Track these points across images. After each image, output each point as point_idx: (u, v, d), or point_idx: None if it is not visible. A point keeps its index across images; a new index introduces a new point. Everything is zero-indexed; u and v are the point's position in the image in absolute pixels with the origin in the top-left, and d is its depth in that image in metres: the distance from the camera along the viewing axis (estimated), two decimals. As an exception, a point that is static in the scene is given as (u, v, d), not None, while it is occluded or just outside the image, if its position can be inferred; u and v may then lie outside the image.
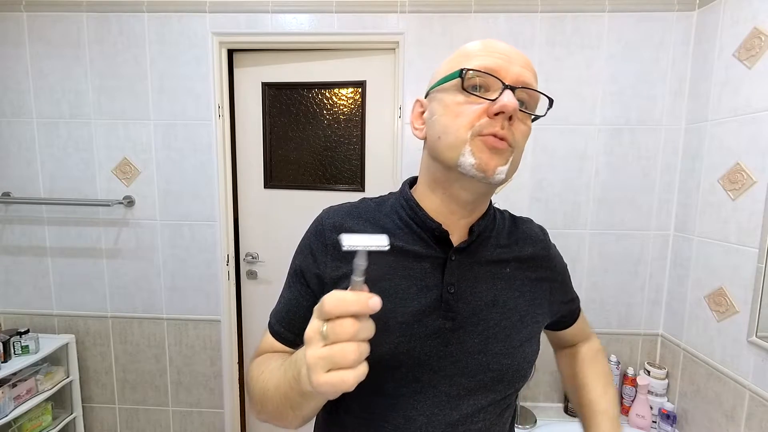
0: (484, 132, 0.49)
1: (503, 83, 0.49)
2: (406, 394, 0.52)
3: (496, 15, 1.41)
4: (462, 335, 0.53)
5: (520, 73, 0.50)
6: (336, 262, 0.55)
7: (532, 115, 0.53)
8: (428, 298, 0.54)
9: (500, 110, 0.48)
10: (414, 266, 0.55)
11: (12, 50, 1.49)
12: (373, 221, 0.58)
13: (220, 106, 1.52)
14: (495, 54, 0.51)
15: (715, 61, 1.28)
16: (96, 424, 1.69)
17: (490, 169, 0.49)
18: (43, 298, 1.61)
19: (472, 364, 0.53)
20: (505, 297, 0.57)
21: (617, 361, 1.47)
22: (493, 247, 0.59)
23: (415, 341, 0.52)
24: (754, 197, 1.13)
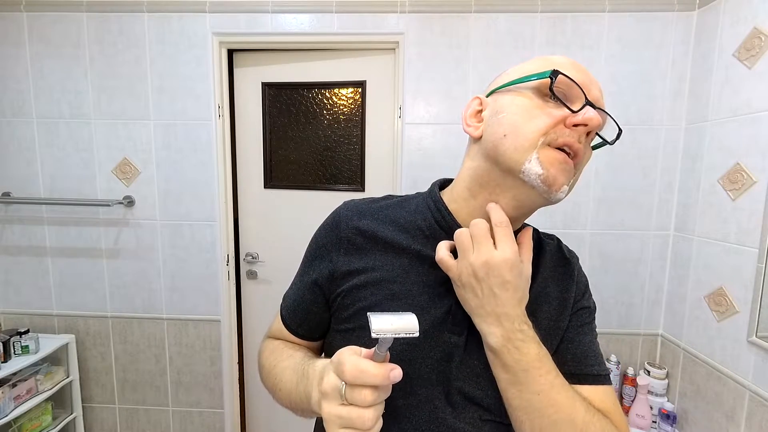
0: (559, 141, 0.45)
1: (587, 98, 0.47)
2: (403, 406, 0.49)
3: (496, 15, 1.41)
4: (468, 353, 0.49)
5: (599, 96, 0.49)
6: (348, 257, 0.53)
7: (601, 141, 0.51)
8: (438, 308, 0.50)
9: (584, 123, 0.45)
10: (429, 273, 0.51)
11: (12, 50, 1.49)
12: (392, 220, 0.55)
13: (220, 106, 1.52)
14: (581, 70, 0.49)
15: (715, 61, 1.28)
16: (96, 424, 1.69)
17: (557, 184, 0.46)
18: (43, 298, 1.61)
19: (474, 384, 0.49)
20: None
21: (617, 361, 1.47)
22: None
23: (417, 352, 0.49)
24: (754, 197, 1.13)
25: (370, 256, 0.53)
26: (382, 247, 0.53)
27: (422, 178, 1.48)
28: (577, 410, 0.46)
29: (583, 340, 0.55)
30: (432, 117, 1.46)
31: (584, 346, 0.55)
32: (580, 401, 0.47)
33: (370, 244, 0.53)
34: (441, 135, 1.47)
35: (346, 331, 0.53)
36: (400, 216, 0.55)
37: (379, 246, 0.53)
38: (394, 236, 0.53)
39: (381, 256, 0.53)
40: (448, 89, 1.45)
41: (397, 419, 0.50)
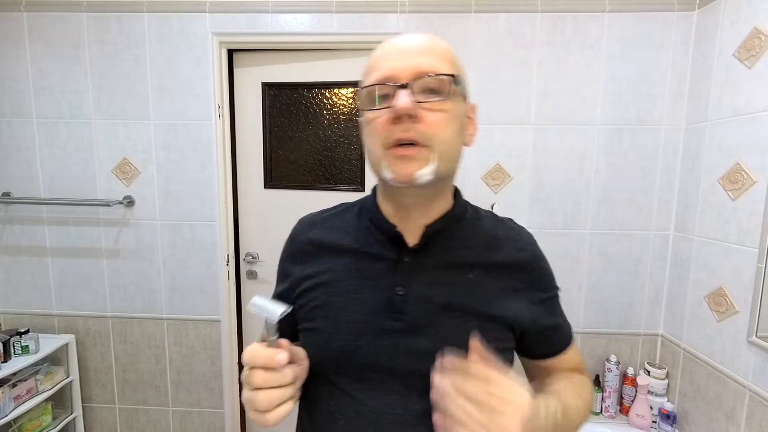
0: (390, 142, 0.49)
1: (397, 85, 0.48)
2: (357, 389, 0.53)
3: (496, 15, 1.41)
4: (412, 337, 0.52)
5: (416, 65, 0.48)
6: (302, 265, 0.60)
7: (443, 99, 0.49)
8: (379, 299, 0.54)
9: (395, 114, 0.47)
10: (369, 267, 0.56)
11: (12, 50, 1.49)
12: (338, 226, 0.61)
13: (220, 106, 1.52)
14: (391, 57, 0.50)
15: (715, 61, 1.28)
16: (96, 424, 1.69)
17: (407, 177, 0.49)
18: (43, 298, 1.61)
19: (422, 366, 0.50)
20: (463, 303, 0.53)
21: (617, 361, 1.47)
22: (457, 249, 0.56)
23: (363, 340, 0.53)
24: (754, 197, 1.13)
25: (320, 261, 0.58)
26: (329, 252, 0.58)
27: (422, 178, 1.48)
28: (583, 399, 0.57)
29: (556, 322, 0.62)
30: (432, 117, 1.46)
31: (558, 325, 0.63)
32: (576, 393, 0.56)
33: (319, 251, 0.59)
34: (441, 135, 1.47)
35: (304, 330, 0.57)
36: (344, 221, 0.61)
37: (326, 251, 0.59)
38: (338, 239, 0.59)
39: (328, 259, 0.58)
40: (448, 89, 1.45)
41: (354, 402, 0.53)
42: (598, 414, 1.49)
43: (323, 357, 0.54)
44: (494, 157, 1.47)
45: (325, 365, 0.54)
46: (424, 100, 0.48)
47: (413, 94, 0.47)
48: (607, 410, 1.47)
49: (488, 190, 1.48)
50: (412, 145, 0.48)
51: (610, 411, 1.47)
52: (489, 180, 1.48)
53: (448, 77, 0.49)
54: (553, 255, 1.52)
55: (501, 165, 1.47)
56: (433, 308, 0.53)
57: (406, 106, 0.46)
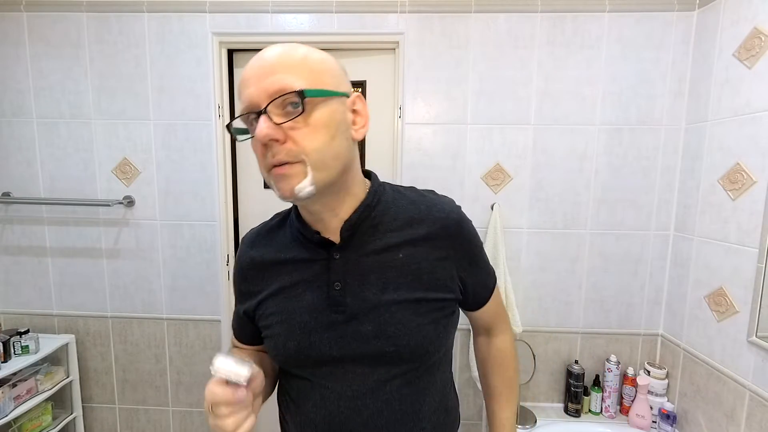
0: (266, 167, 0.53)
1: (256, 112, 0.50)
2: (319, 375, 0.61)
3: (496, 15, 1.41)
4: (356, 325, 0.58)
5: (267, 87, 0.49)
6: (251, 283, 0.66)
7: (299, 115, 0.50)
8: (320, 297, 0.60)
9: (260, 142, 0.50)
10: (306, 271, 0.61)
11: (12, 50, 1.49)
12: (274, 240, 0.66)
13: (220, 106, 1.52)
14: (248, 83, 0.51)
15: (715, 61, 1.28)
16: (96, 424, 1.69)
17: (289, 194, 0.52)
18: (43, 298, 1.61)
19: (370, 348, 0.58)
20: (397, 283, 0.59)
21: (617, 361, 1.47)
22: (382, 234, 0.60)
23: (314, 336, 0.59)
24: (754, 197, 1.13)
25: (265, 276, 0.64)
26: (271, 267, 0.64)
27: (422, 178, 1.48)
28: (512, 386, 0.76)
29: (479, 276, 0.68)
30: (432, 117, 1.46)
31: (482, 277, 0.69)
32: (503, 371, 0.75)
33: (263, 267, 0.65)
34: (441, 135, 1.47)
35: (266, 337, 0.64)
36: (278, 235, 0.66)
37: (269, 266, 0.64)
38: (276, 255, 0.64)
39: (272, 273, 0.64)
40: (448, 89, 1.45)
41: (318, 388, 0.61)
42: (598, 414, 1.49)
43: (285, 357, 0.62)
44: (494, 157, 1.47)
45: (288, 363, 0.63)
46: (285, 119, 0.50)
47: (273, 117, 0.49)
48: (607, 410, 1.47)
49: (488, 190, 1.48)
50: (283, 164, 0.51)
51: (610, 411, 1.47)
52: (489, 180, 1.48)
53: (296, 94, 0.49)
54: (553, 255, 1.53)
55: (501, 165, 1.47)
56: (370, 294, 0.58)
57: (265, 135, 0.49)
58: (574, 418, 1.48)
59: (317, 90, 0.51)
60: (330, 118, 0.52)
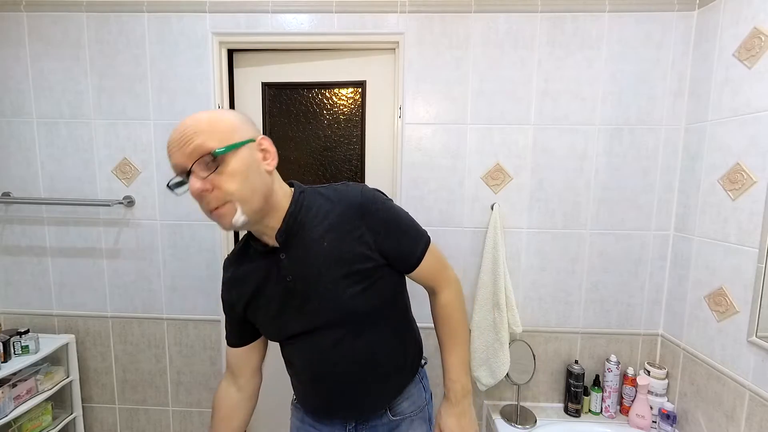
0: (207, 211, 0.68)
1: (186, 172, 0.66)
2: (299, 342, 0.82)
3: (496, 15, 1.41)
4: (307, 304, 0.77)
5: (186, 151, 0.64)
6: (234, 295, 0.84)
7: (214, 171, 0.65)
8: (280, 290, 0.78)
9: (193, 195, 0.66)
10: (267, 274, 0.79)
11: (12, 50, 1.49)
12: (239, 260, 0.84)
13: (220, 106, 1.52)
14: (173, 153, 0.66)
15: (715, 61, 1.28)
16: (96, 424, 1.69)
17: (229, 226, 0.68)
18: (43, 298, 1.61)
19: (318, 318, 0.78)
20: (327, 266, 0.75)
21: (617, 361, 1.47)
22: (308, 231, 0.76)
23: (285, 320, 0.80)
24: (754, 197, 1.13)
25: (242, 288, 0.82)
26: (244, 277, 0.82)
27: (422, 178, 1.48)
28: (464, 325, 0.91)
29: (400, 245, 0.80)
30: (432, 117, 1.46)
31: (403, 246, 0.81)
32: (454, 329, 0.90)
33: (239, 283, 0.83)
34: (441, 135, 1.47)
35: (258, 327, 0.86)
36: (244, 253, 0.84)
37: (242, 281, 0.82)
38: (245, 271, 0.82)
39: (246, 281, 0.82)
40: (448, 89, 1.45)
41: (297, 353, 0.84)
42: (598, 414, 1.49)
43: (272, 336, 0.86)
44: (494, 157, 1.47)
45: (276, 339, 0.86)
46: (207, 173, 0.64)
47: (199, 173, 0.64)
48: (607, 410, 1.47)
49: (488, 190, 1.48)
50: (217, 208, 0.66)
51: (610, 411, 1.47)
52: (489, 180, 1.48)
53: (208, 156, 0.64)
54: (553, 255, 1.53)
55: (501, 165, 1.47)
56: (311, 279, 0.76)
57: (197, 189, 0.64)
58: (574, 418, 1.48)
59: (225, 147, 0.65)
60: (242, 164, 0.67)
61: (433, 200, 1.50)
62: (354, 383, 0.82)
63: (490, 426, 1.50)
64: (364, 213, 0.76)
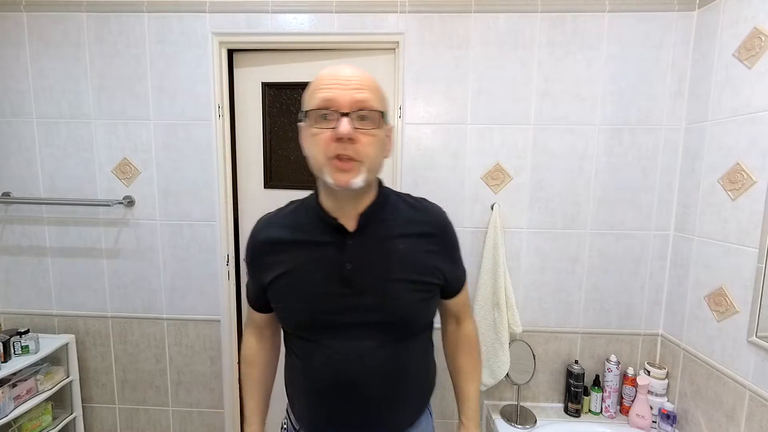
0: (332, 155, 0.65)
1: (339, 112, 0.64)
2: (326, 338, 0.74)
3: (496, 15, 1.41)
4: (361, 298, 0.72)
5: (354, 97, 0.65)
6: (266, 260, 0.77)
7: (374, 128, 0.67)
8: (333, 274, 0.72)
9: (338, 136, 0.63)
10: (320, 252, 0.74)
11: (12, 50, 1.49)
12: (289, 223, 0.78)
13: (220, 106, 1.52)
14: (333, 84, 0.65)
15: (715, 61, 1.28)
16: (96, 424, 1.69)
17: (344, 183, 0.66)
18: (43, 298, 1.61)
19: (372, 317, 0.72)
20: (395, 267, 0.73)
21: (617, 361, 1.47)
22: (388, 227, 0.75)
23: (323, 305, 0.73)
24: (754, 197, 1.13)
25: (281, 255, 0.76)
26: (286, 246, 0.76)
27: (422, 178, 1.48)
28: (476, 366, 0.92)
29: (457, 272, 0.84)
30: (432, 117, 1.46)
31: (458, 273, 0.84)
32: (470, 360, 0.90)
33: (279, 247, 0.76)
34: (441, 135, 1.47)
35: (278, 308, 0.79)
36: (295, 218, 0.79)
37: (284, 246, 0.76)
38: (292, 235, 0.76)
39: (288, 252, 0.75)
40: (448, 89, 1.45)
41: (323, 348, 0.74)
42: (598, 414, 1.49)
43: (297, 322, 0.76)
44: (494, 157, 1.47)
45: (299, 327, 0.77)
46: (360, 127, 0.65)
47: (351, 121, 0.64)
48: (607, 410, 1.47)
49: (488, 190, 1.48)
50: (349, 159, 0.65)
51: (610, 411, 1.47)
52: (489, 180, 1.48)
53: (379, 113, 0.68)
54: (553, 255, 1.53)
55: (501, 165, 1.47)
56: (374, 274, 0.72)
57: (348, 132, 0.63)
58: (574, 418, 1.48)
59: (386, 116, 0.70)
60: (383, 137, 0.71)
61: (433, 200, 1.49)
62: (376, 398, 0.75)
63: (490, 426, 1.50)
64: (444, 233, 0.81)
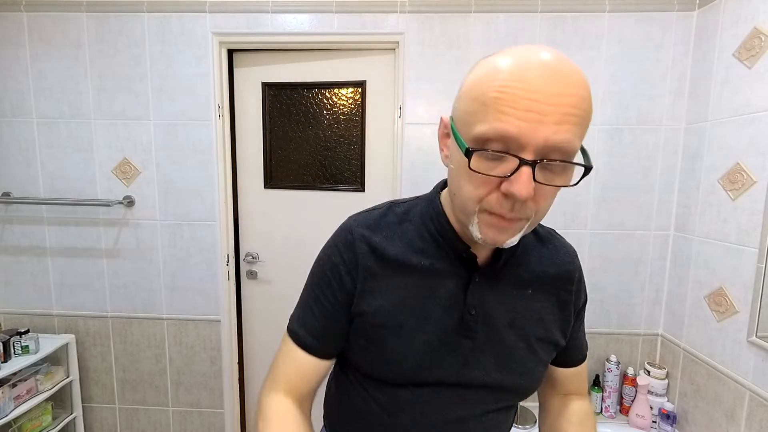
0: (491, 211, 0.44)
1: (520, 159, 0.40)
2: (426, 394, 0.56)
3: (496, 15, 1.41)
4: (480, 354, 0.55)
5: (549, 136, 0.39)
6: (363, 278, 0.55)
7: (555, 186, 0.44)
8: (451, 318, 0.54)
9: (510, 194, 0.41)
10: (439, 285, 0.55)
11: (12, 50, 1.49)
12: (401, 236, 0.56)
13: (220, 106, 1.52)
14: (521, 106, 0.39)
15: (715, 61, 1.28)
16: (96, 424, 1.69)
17: (499, 242, 0.46)
18: (43, 298, 1.61)
19: (488, 380, 0.56)
20: (523, 319, 0.57)
21: (617, 361, 1.47)
22: (516, 266, 0.57)
23: (436, 358, 0.54)
24: (754, 197, 1.13)
25: (385, 277, 0.55)
26: (394, 267, 0.55)
27: (422, 179, 1.48)
28: None
29: (580, 333, 0.66)
30: (432, 117, 1.46)
31: (581, 338, 0.67)
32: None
33: (384, 264, 0.55)
34: (441, 135, 1.47)
35: (368, 347, 0.56)
36: (407, 230, 0.57)
37: (392, 265, 0.55)
38: (404, 254, 0.55)
39: (395, 275, 0.55)
40: (449, 89, 1.45)
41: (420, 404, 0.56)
42: (598, 414, 1.49)
43: (396, 374, 0.55)
44: (494, 157, 1.47)
45: (396, 379, 0.56)
46: (544, 182, 0.42)
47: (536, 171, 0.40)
48: (607, 410, 1.47)
49: (488, 190, 1.48)
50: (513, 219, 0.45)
51: (610, 411, 1.47)
52: (489, 180, 1.48)
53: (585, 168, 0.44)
54: (553, 255, 1.52)
55: (501, 165, 1.47)
56: (499, 326, 0.56)
57: (528, 196, 0.41)
58: (574, 418, 1.48)
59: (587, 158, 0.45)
60: None
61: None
62: None
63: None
64: (578, 283, 0.62)
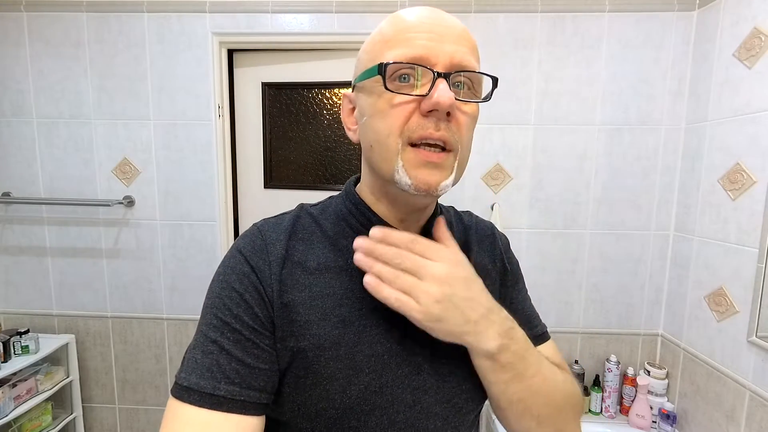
0: (415, 137, 0.40)
1: (434, 72, 0.39)
2: (372, 427, 0.42)
3: (496, 15, 1.41)
4: (435, 360, 0.45)
5: (453, 53, 0.40)
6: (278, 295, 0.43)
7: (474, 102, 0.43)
8: (397, 328, 0.44)
9: (433, 108, 0.39)
10: None
11: (12, 50, 1.49)
12: (320, 237, 0.47)
13: (220, 106, 1.52)
14: (421, 34, 0.41)
15: (715, 61, 1.28)
16: (96, 424, 1.69)
17: (429, 187, 0.40)
18: (43, 298, 1.60)
19: (447, 389, 0.45)
20: None
21: (617, 361, 1.47)
22: None
23: (388, 375, 0.43)
24: (754, 197, 1.13)
25: (304, 288, 0.44)
26: (316, 273, 0.45)
27: (422, 178, 1.48)
28: (554, 373, 0.47)
29: (525, 305, 0.56)
30: (432, 117, 1.46)
31: (528, 310, 0.56)
32: (548, 363, 0.47)
33: (304, 272, 0.44)
34: (441, 135, 1.47)
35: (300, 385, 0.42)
36: (326, 229, 0.48)
37: (314, 272, 0.45)
38: (327, 257, 0.46)
39: (318, 282, 0.44)
40: (448, 89, 1.45)
41: None
42: (598, 414, 1.49)
43: (338, 409, 0.42)
44: (494, 157, 1.47)
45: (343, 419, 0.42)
46: (461, 98, 0.41)
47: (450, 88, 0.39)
48: (607, 410, 1.47)
49: (488, 190, 1.48)
50: (441, 150, 0.41)
51: (610, 411, 1.47)
52: (489, 180, 1.48)
53: (492, 78, 0.43)
54: (553, 255, 1.53)
55: (501, 165, 1.47)
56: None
57: (450, 102, 0.38)
58: (574, 418, 1.48)
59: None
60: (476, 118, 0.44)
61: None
62: None
63: (490, 426, 1.50)
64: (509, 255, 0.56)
